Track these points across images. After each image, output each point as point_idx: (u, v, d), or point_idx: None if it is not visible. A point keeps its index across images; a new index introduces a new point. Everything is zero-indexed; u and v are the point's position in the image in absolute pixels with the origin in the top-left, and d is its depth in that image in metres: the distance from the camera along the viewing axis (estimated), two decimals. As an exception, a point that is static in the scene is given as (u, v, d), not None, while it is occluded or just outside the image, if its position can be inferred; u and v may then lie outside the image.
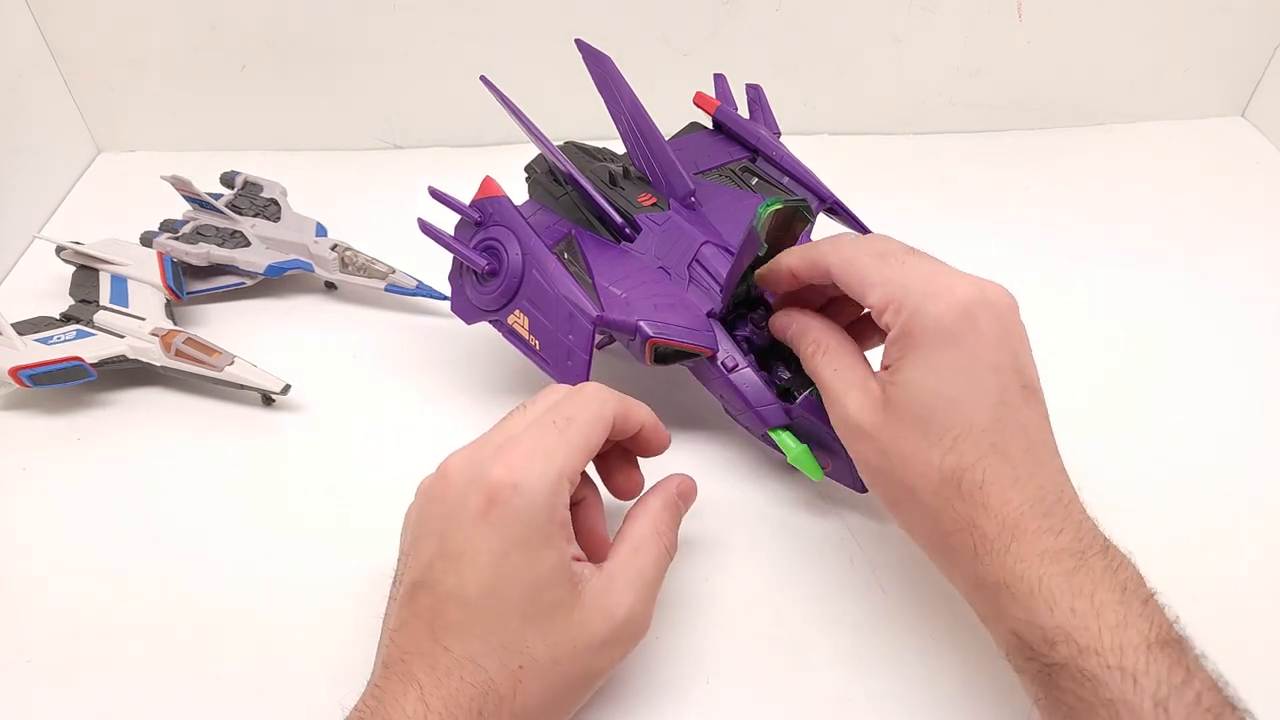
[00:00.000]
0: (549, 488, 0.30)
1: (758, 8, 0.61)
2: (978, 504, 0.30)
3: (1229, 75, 0.68)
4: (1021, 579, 0.29)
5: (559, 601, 0.30)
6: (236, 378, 0.46)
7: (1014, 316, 0.33)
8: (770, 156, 0.47)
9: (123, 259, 0.51)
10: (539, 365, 0.42)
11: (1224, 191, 0.63)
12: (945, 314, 0.31)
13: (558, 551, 0.31)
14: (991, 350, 0.31)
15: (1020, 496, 0.30)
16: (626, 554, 0.33)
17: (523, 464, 0.30)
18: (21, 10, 0.60)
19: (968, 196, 0.62)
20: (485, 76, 0.44)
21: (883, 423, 0.32)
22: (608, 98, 0.44)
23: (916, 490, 0.31)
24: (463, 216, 0.43)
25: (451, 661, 0.29)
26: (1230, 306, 0.53)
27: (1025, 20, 0.63)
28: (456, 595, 0.30)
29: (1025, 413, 0.31)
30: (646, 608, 0.32)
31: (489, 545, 0.30)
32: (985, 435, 0.30)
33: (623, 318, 0.39)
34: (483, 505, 0.30)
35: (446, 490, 0.31)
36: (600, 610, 0.31)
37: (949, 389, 0.31)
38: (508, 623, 0.30)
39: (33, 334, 0.47)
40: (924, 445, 0.31)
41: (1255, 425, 0.46)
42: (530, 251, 0.41)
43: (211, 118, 0.66)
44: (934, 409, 0.31)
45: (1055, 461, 0.32)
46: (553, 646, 0.30)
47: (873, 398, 0.33)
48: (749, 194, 0.46)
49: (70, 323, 0.48)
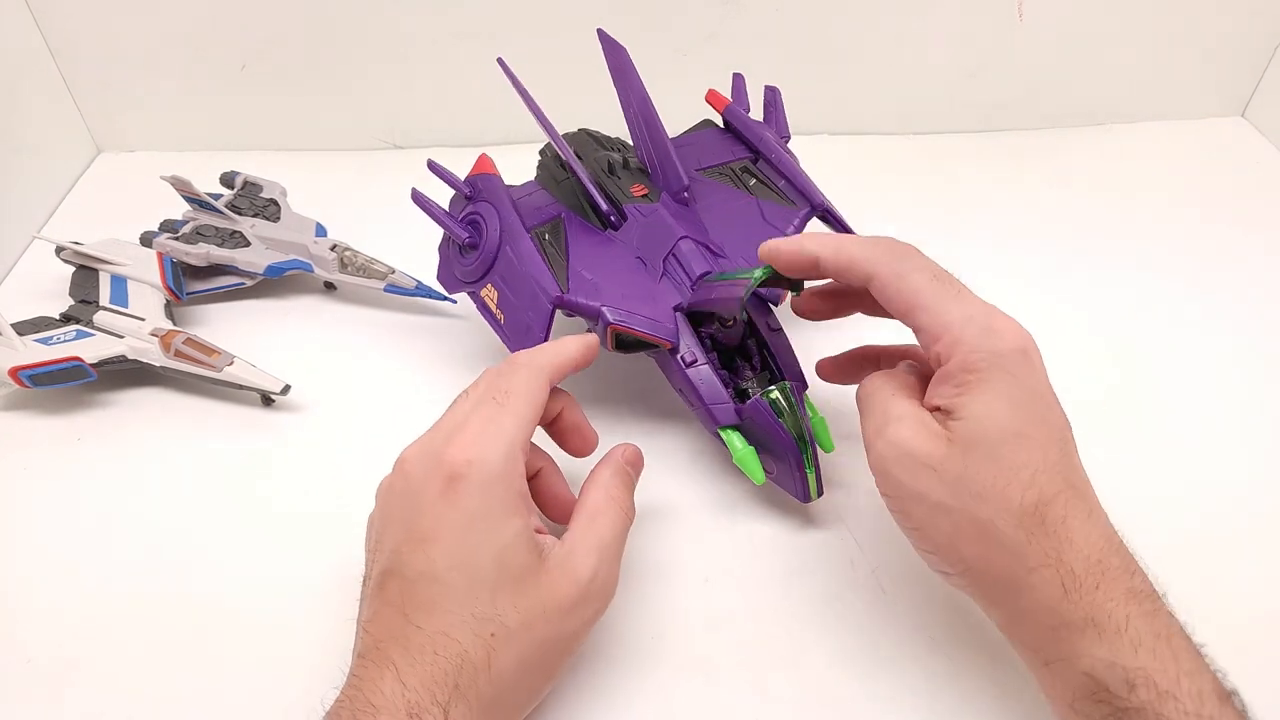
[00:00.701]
0: (503, 459, 0.32)
1: (758, 8, 0.61)
2: (1063, 539, 0.30)
3: (1229, 75, 0.68)
4: (1110, 617, 0.28)
5: (526, 567, 0.31)
6: (236, 378, 0.46)
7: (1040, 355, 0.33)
8: (769, 159, 0.48)
9: (122, 259, 0.51)
10: (501, 339, 0.43)
11: (1224, 191, 0.63)
12: (1009, 352, 0.31)
13: (521, 520, 0.32)
14: (1048, 389, 0.32)
15: (1098, 534, 0.30)
16: (585, 522, 0.34)
17: (475, 441, 0.32)
18: (21, 10, 0.60)
19: (968, 196, 0.62)
20: (502, 59, 0.46)
21: (948, 456, 0.31)
22: (619, 88, 0.45)
23: (996, 525, 0.30)
24: (456, 191, 0.46)
25: (424, 639, 0.30)
26: (1230, 306, 0.53)
27: (1025, 20, 0.63)
28: (426, 574, 0.30)
29: (1076, 453, 0.32)
30: (611, 569, 0.33)
31: (453, 520, 0.31)
32: (1058, 470, 0.30)
33: (586, 301, 0.41)
34: (443, 485, 0.31)
35: (406, 482, 0.33)
36: (566, 574, 0.32)
37: (1021, 424, 0.31)
38: (477, 592, 0.30)
39: (33, 334, 0.47)
40: (1001, 480, 0.30)
41: (1254, 426, 0.46)
42: (507, 229, 0.42)
43: (211, 118, 0.66)
44: (1007, 444, 0.31)
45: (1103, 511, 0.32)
46: (523, 611, 0.31)
47: (930, 430, 0.32)
48: (743, 194, 0.47)
49: (70, 323, 0.48)
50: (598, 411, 0.46)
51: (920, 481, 0.32)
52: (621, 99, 0.46)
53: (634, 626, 0.38)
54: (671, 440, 0.45)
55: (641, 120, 0.45)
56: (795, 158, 0.49)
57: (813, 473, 0.38)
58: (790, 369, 0.41)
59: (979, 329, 0.32)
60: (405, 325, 0.53)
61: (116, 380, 0.48)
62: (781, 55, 0.63)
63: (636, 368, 0.48)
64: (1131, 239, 0.58)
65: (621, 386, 0.48)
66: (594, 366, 0.43)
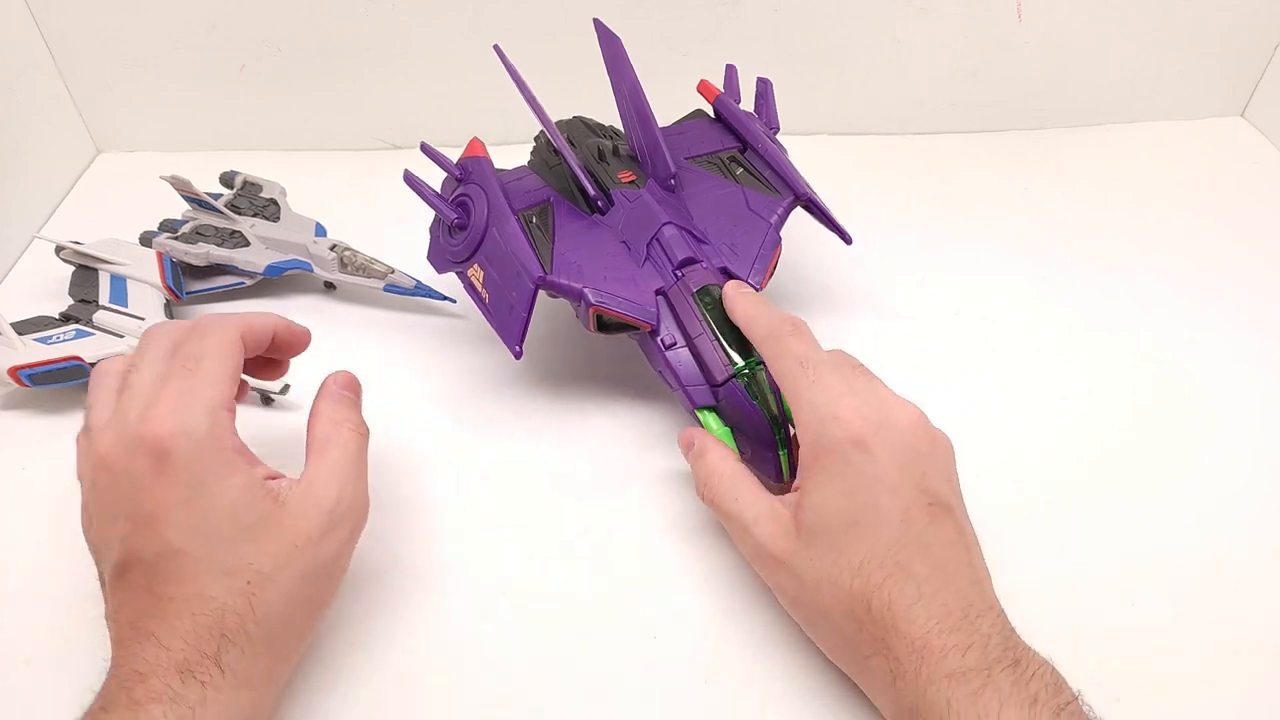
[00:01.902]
0: (206, 423, 0.32)
1: (757, 8, 0.61)
2: (888, 625, 0.30)
3: (1229, 75, 0.68)
4: (932, 705, 0.29)
5: (262, 515, 0.32)
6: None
7: (919, 437, 0.33)
8: (756, 149, 0.48)
9: (122, 259, 0.51)
10: (486, 317, 0.44)
11: (1224, 192, 0.63)
12: (844, 442, 0.32)
13: (242, 474, 0.32)
14: (890, 473, 0.32)
15: (924, 615, 0.30)
16: (317, 453, 0.35)
17: (172, 413, 0.32)
18: (21, 10, 0.60)
19: (967, 196, 0.62)
20: (498, 46, 0.46)
21: (794, 549, 0.33)
22: (613, 77, 0.46)
23: (831, 615, 0.32)
24: (448, 174, 0.47)
25: (179, 605, 0.30)
26: (1230, 306, 0.53)
27: (1025, 20, 0.63)
28: (164, 552, 0.31)
29: (931, 531, 0.31)
30: (356, 488, 0.34)
31: (174, 495, 0.31)
32: (889, 555, 0.31)
33: (569, 282, 0.42)
34: (152, 465, 0.31)
35: (111, 473, 0.32)
36: (311, 505, 0.33)
37: (855, 512, 0.32)
38: (219, 551, 0.31)
39: (32, 333, 0.47)
40: (834, 569, 0.32)
41: (1254, 426, 0.46)
42: (494, 210, 0.43)
43: (211, 118, 0.66)
44: (839, 532, 0.32)
45: (966, 575, 0.31)
46: (273, 555, 0.31)
47: (782, 524, 0.34)
48: (730, 182, 0.47)
49: (69, 322, 0.48)
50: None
51: (778, 576, 0.34)
52: (614, 87, 0.46)
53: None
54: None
55: (632, 108, 0.46)
56: (783, 148, 0.50)
57: (785, 454, 0.39)
58: None
59: (821, 419, 0.33)
60: (404, 325, 0.53)
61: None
62: (781, 56, 0.63)
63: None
64: (1131, 239, 0.58)
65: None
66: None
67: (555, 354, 0.50)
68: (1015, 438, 0.45)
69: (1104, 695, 0.35)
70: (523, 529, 0.41)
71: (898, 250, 0.57)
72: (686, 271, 0.42)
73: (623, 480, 0.43)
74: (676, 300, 0.42)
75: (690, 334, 0.41)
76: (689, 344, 0.41)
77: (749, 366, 0.40)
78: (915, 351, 0.50)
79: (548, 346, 0.50)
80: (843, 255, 0.56)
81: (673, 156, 0.46)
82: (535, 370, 0.49)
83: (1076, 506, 0.42)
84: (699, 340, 0.41)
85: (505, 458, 0.45)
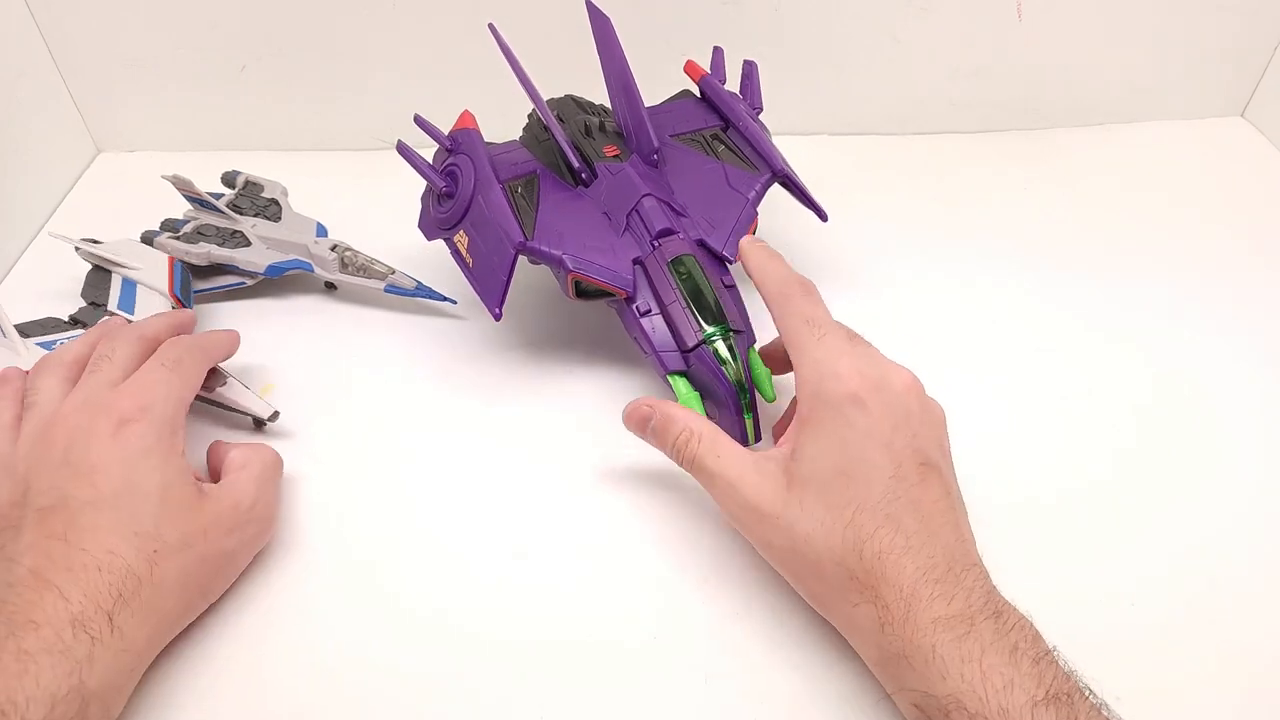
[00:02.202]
0: (173, 409, 0.37)
1: (757, 8, 0.61)
2: (878, 574, 0.31)
3: (1229, 75, 0.68)
4: (918, 649, 0.30)
5: (187, 498, 0.35)
6: (226, 399, 0.44)
7: (912, 399, 0.35)
8: (738, 127, 0.50)
9: (134, 262, 0.50)
10: (469, 281, 0.46)
11: (1224, 192, 0.63)
12: (841, 397, 0.34)
13: (181, 462, 0.36)
14: (884, 429, 0.33)
15: (913, 565, 0.31)
16: (237, 466, 0.38)
17: (147, 391, 0.36)
18: (20, 10, 0.60)
19: (968, 196, 0.62)
20: (493, 25, 0.48)
21: (785, 501, 0.34)
22: (602, 56, 0.47)
23: (822, 564, 0.33)
24: (439, 145, 0.48)
25: (88, 559, 0.32)
26: (1230, 306, 0.53)
27: (1025, 20, 0.63)
28: (92, 501, 0.33)
29: (920, 488, 0.33)
30: (269, 498, 0.38)
31: (121, 456, 0.34)
32: (880, 507, 0.32)
33: (548, 249, 0.43)
34: (114, 427, 0.35)
35: (65, 430, 0.35)
36: (228, 499, 0.36)
37: (846, 464, 0.33)
38: (141, 516, 0.33)
39: (38, 336, 0.47)
40: (827, 520, 0.32)
41: (1253, 426, 0.46)
42: (481, 179, 0.45)
43: (211, 118, 0.66)
44: (832, 483, 0.33)
45: (952, 533, 0.33)
46: (185, 533, 0.34)
47: (770, 478, 0.35)
48: (711, 159, 0.49)
49: (76, 326, 0.48)
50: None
51: (766, 531, 0.35)
52: (604, 67, 0.48)
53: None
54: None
55: (619, 86, 0.47)
56: (765, 128, 0.51)
57: (750, 418, 0.41)
58: (739, 323, 0.43)
59: (821, 375, 0.34)
60: (405, 325, 0.53)
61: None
62: (781, 55, 0.63)
63: (597, 318, 0.50)
64: (1131, 239, 0.58)
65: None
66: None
67: (557, 355, 0.50)
68: (1015, 438, 0.45)
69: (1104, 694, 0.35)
70: (523, 530, 0.41)
71: (897, 250, 0.57)
72: (663, 242, 0.44)
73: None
74: (652, 269, 0.43)
75: (664, 301, 0.43)
76: (663, 311, 0.43)
77: (718, 333, 0.41)
78: (915, 351, 0.50)
79: (549, 348, 0.50)
80: (843, 255, 0.56)
81: (657, 133, 0.48)
82: (536, 370, 0.49)
83: (1076, 506, 0.42)
84: (672, 308, 0.42)
85: (506, 457, 0.45)
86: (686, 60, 0.53)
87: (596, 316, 0.50)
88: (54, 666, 0.29)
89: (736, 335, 0.42)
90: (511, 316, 0.51)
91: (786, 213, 0.53)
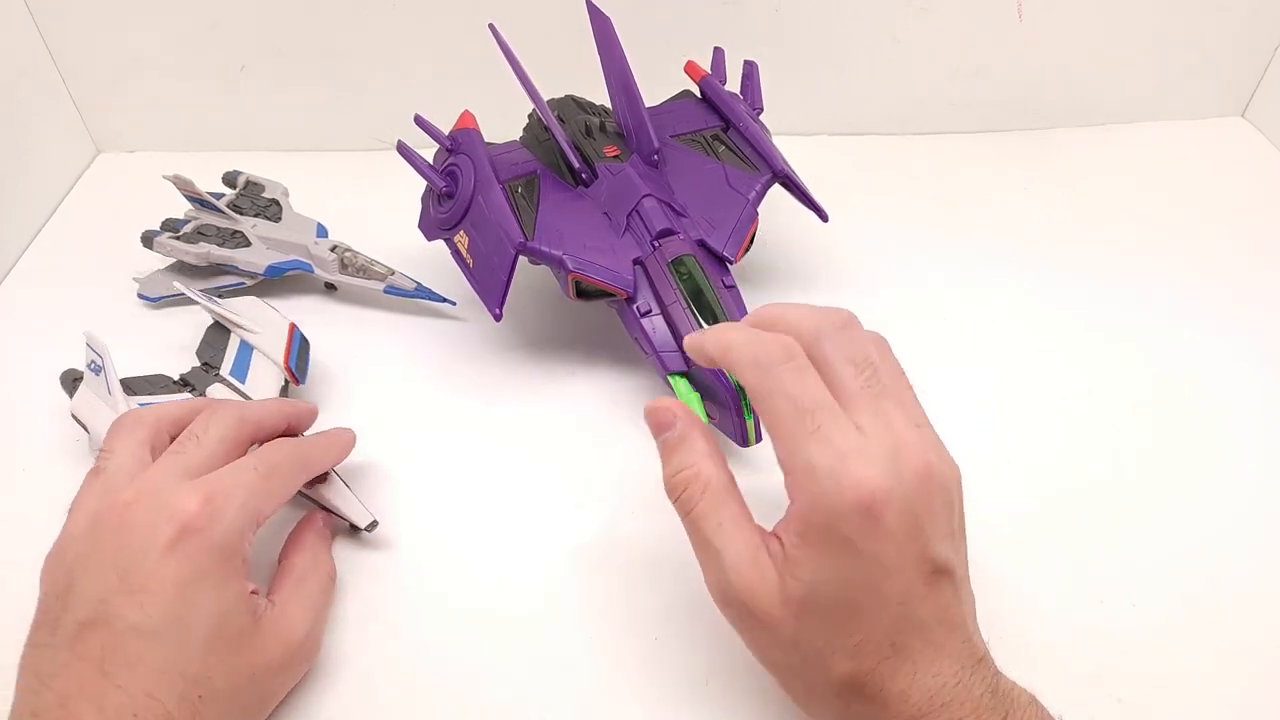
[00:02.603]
0: (243, 525, 0.32)
1: (757, 8, 0.61)
2: (880, 704, 0.29)
3: (1229, 75, 0.68)
4: None
5: (242, 629, 0.31)
6: (325, 500, 0.40)
7: (926, 489, 0.29)
8: (738, 127, 0.50)
9: (255, 325, 0.46)
10: (470, 282, 0.46)
11: (1224, 192, 0.63)
12: (849, 512, 0.28)
13: (240, 585, 0.32)
14: (895, 551, 0.28)
15: (918, 693, 0.29)
16: (293, 584, 0.35)
17: (222, 499, 0.31)
18: (20, 10, 0.59)
19: (967, 196, 0.62)
20: (493, 25, 0.48)
21: (780, 617, 0.29)
22: (602, 56, 0.47)
23: (819, 690, 0.30)
24: (439, 145, 0.48)
25: (124, 699, 0.28)
26: (1230, 306, 0.53)
27: (1025, 20, 0.63)
28: (138, 628, 0.29)
29: (928, 605, 0.29)
30: (318, 630, 0.35)
31: (176, 575, 0.30)
32: (886, 638, 0.29)
33: (549, 250, 0.43)
34: (173, 536, 0.30)
35: (123, 525, 0.31)
36: (278, 635, 0.32)
37: (849, 595, 0.29)
38: (190, 653, 0.30)
39: (144, 394, 0.43)
40: (825, 650, 0.29)
41: (1253, 425, 0.46)
42: (481, 179, 0.45)
43: (211, 118, 0.66)
44: (834, 613, 0.29)
45: (960, 636, 0.30)
46: (232, 674, 0.31)
47: (766, 581, 0.29)
48: (711, 159, 0.49)
49: (185, 389, 0.45)
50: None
51: (756, 636, 0.31)
52: (604, 66, 0.48)
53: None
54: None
55: (620, 86, 0.47)
56: (765, 128, 0.51)
57: (751, 419, 0.40)
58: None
59: (823, 481, 0.28)
60: (405, 325, 0.53)
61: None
62: (781, 55, 0.63)
63: (598, 318, 0.50)
64: (1131, 239, 0.58)
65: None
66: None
67: (557, 355, 0.50)
68: (1015, 438, 0.45)
69: (1105, 695, 0.35)
70: (522, 530, 0.41)
71: (897, 250, 0.57)
72: (664, 242, 0.44)
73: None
74: (653, 269, 0.43)
75: (664, 302, 0.43)
76: (663, 311, 0.43)
77: None
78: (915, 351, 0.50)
79: (549, 348, 0.50)
80: (843, 255, 0.56)
81: (657, 133, 0.48)
82: (537, 370, 0.49)
83: (1076, 506, 0.42)
84: (672, 308, 0.42)
85: (506, 457, 0.45)
86: (687, 60, 0.54)
87: (597, 317, 0.50)
88: None
89: None
90: (512, 317, 0.51)
91: (787, 213, 0.53)
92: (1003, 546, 0.36)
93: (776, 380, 0.30)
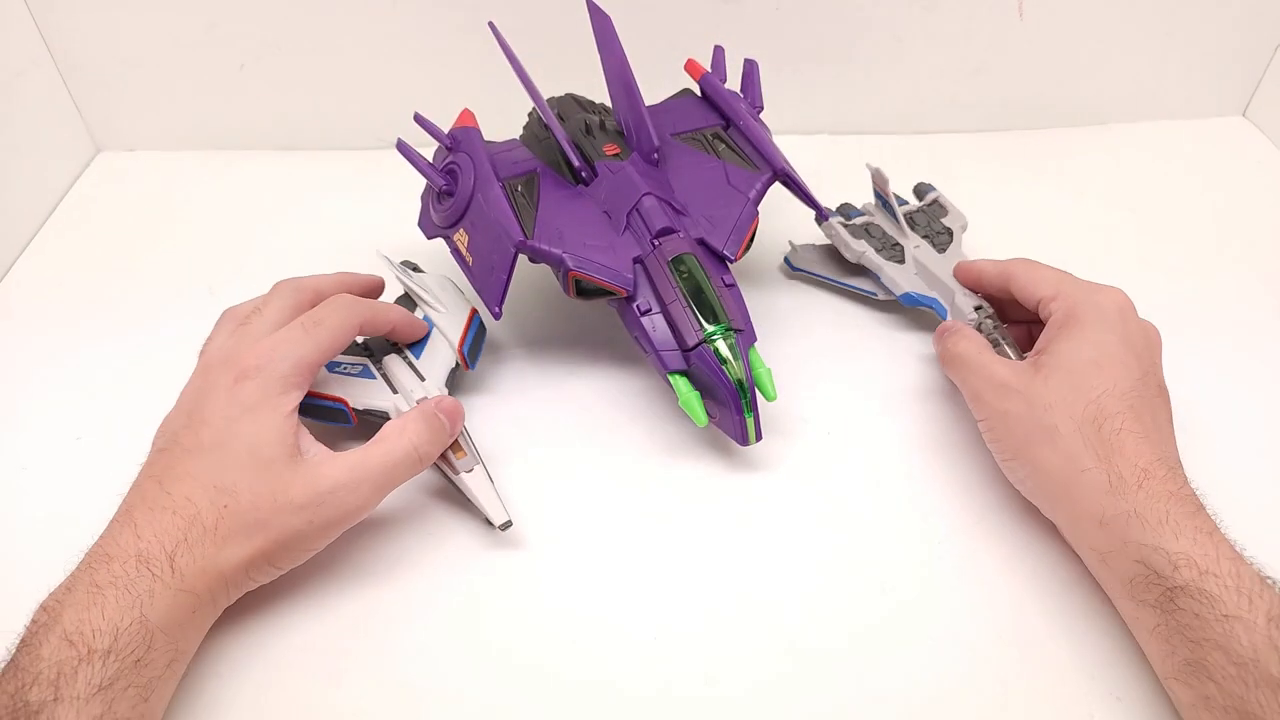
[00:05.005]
0: (289, 368, 0.37)
1: (757, 7, 0.61)
2: (1114, 447, 0.35)
3: (1229, 75, 0.68)
4: (1153, 510, 0.33)
5: (273, 458, 0.35)
6: (463, 486, 0.40)
7: (1157, 340, 0.40)
8: (739, 126, 0.49)
9: (441, 305, 0.46)
10: (469, 279, 0.46)
11: (1224, 192, 0.63)
12: (1108, 306, 0.39)
13: (283, 421, 0.36)
14: (1138, 343, 0.38)
15: (1150, 452, 0.35)
16: (366, 445, 0.38)
17: (270, 350, 0.37)
18: (20, 9, 0.59)
19: (969, 196, 0.62)
20: (493, 24, 0.48)
21: (1031, 381, 0.38)
22: (602, 54, 0.47)
23: (1058, 429, 0.36)
24: (439, 143, 0.48)
25: (168, 501, 0.34)
26: (1230, 306, 0.53)
27: (1026, 20, 0.63)
28: (190, 449, 0.35)
29: (1157, 401, 0.37)
30: (358, 490, 0.36)
31: (227, 410, 0.36)
32: (1125, 398, 0.36)
33: (548, 248, 0.43)
34: (231, 381, 0.36)
35: (202, 378, 0.38)
36: (306, 477, 0.36)
37: (1100, 357, 0.37)
38: (224, 470, 0.35)
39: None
40: (1071, 396, 0.36)
41: (1253, 425, 0.46)
42: (480, 177, 0.45)
43: (211, 117, 0.66)
44: (1084, 371, 0.37)
45: (1174, 449, 0.37)
46: (256, 493, 0.35)
47: (1017, 367, 0.39)
48: (711, 158, 0.49)
49: (364, 354, 0.45)
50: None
51: (1006, 401, 0.38)
52: (604, 65, 0.48)
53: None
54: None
55: (620, 85, 0.47)
56: (765, 127, 0.50)
57: (751, 418, 0.41)
58: (739, 322, 0.43)
59: (1086, 291, 0.40)
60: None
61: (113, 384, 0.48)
62: (782, 55, 0.63)
63: (598, 317, 0.50)
64: (1131, 238, 0.58)
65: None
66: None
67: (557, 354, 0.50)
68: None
69: (1104, 693, 0.35)
70: (522, 530, 0.41)
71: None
72: (663, 241, 0.44)
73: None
74: (653, 268, 0.43)
75: (664, 300, 0.42)
76: (663, 310, 0.43)
77: (719, 332, 0.41)
78: (915, 351, 0.50)
79: (549, 347, 0.50)
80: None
81: (657, 132, 0.48)
82: (537, 370, 0.49)
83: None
84: (672, 307, 0.42)
85: (505, 457, 0.45)
86: (687, 59, 0.53)
87: (597, 316, 0.50)
88: (118, 600, 0.31)
89: (737, 334, 0.41)
90: (512, 315, 0.51)
91: (787, 212, 0.53)
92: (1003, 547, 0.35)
93: (1040, 268, 0.44)
